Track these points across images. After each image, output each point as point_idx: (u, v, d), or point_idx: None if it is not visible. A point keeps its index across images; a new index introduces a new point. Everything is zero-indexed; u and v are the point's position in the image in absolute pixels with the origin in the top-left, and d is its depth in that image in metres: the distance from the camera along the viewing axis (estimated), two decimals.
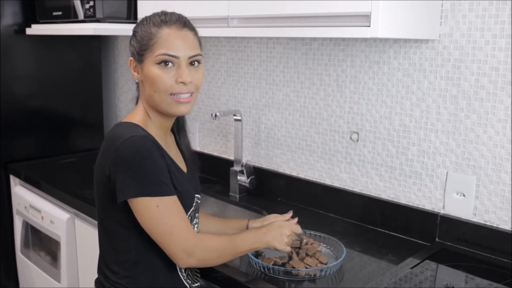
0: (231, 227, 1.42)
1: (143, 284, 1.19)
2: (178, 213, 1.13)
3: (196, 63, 1.18)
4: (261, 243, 1.22)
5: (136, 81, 1.22)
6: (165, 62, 1.14)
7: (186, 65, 1.15)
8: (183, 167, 1.28)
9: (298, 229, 1.29)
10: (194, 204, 1.25)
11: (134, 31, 1.20)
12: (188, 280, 1.25)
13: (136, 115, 1.22)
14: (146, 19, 1.19)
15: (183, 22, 1.18)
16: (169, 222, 1.11)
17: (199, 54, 1.18)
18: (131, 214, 1.13)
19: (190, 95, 1.18)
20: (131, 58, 1.20)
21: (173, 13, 1.19)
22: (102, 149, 1.18)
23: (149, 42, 1.14)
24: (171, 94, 1.15)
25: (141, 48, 1.16)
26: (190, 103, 1.19)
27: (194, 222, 1.27)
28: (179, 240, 1.11)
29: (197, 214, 1.30)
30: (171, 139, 1.31)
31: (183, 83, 1.15)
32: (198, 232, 1.31)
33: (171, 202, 1.12)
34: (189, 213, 1.23)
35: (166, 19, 1.16)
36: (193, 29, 1.20)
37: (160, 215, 1.10)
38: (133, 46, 1.19)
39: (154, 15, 1.19)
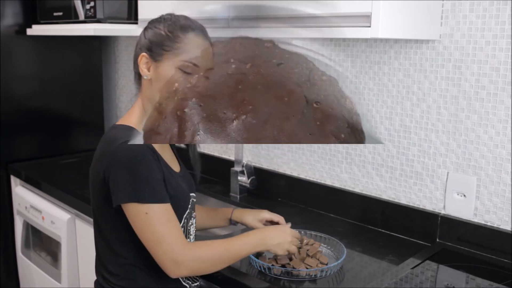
0: (217, 218, 1.44)
1: (142, 285, 1.19)
2: (169, 221, 1.11)
3: None
4: (262, 247, 1.23)
5: (146, 77, 1.18)
6: (186, 69, 1.13)
7: None
8: (176, 167, 1.28)
9: (297, 235, 1.31)
10: (189, 205, 1.25)
11: (155, 27, 1.17)
12: (188, 281, 1.25)
13: (133, 116, 1.21)
14: (170, 19, 1.18)
15: (205, 33, 1.19)
16: (158, 230, 1.09)
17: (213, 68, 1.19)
18: (127, 218, 1.13)
19: None
20: (144, 54, 1.17)
21: (195, 21, 1.20)
22: (97, 152, 1.18)
23: (174, 45, 1.14)
24: None
25: (162, 47, 1.14)
26: None
27: (191, 223, 1.27)
28: (168, 250, 1.09)
29: (193, 214, 1.29)
30: None
31: None
32: (195, 231, 1.31)
33: (162, 210, 1.10)
34: (185, 215, 1.22)
35: (193, 26, 1.17)
36: (210, 42, 1.21)
37: (150, 223, 1.09)
38: (149, 41, 1.16)
39: (179, 17, 1.18)
